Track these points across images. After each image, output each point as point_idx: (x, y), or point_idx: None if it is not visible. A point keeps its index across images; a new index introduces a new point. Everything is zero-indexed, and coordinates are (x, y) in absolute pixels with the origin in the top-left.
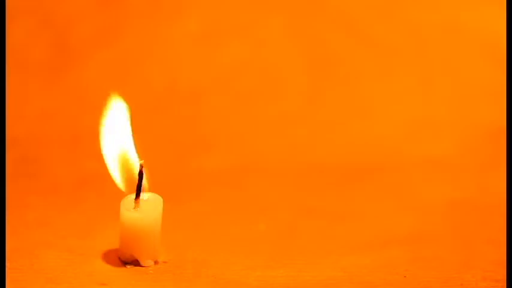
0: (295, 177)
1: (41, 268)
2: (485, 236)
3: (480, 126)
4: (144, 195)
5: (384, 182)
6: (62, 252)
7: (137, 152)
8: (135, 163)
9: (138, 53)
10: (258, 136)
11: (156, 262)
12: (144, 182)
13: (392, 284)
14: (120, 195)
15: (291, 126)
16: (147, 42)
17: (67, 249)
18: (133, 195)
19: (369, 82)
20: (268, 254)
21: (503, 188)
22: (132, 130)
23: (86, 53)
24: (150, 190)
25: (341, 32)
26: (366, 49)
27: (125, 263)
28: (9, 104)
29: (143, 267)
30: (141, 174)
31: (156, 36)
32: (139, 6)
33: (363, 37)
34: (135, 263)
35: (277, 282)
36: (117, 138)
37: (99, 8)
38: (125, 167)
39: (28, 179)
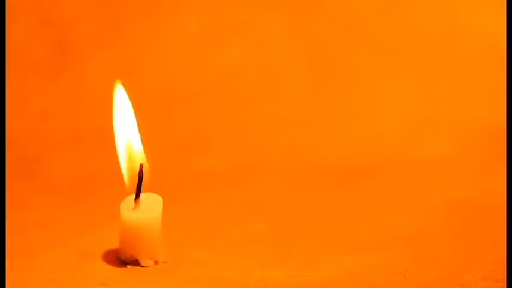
0: (295, 177)
1: (41, 268)
2: (485, 236)
3: (480, 126)
4: (145, 195)
5: (384, 182)
6: (62, 252)
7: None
8: (139, 160)
9: (138, 52)
10: (258, 136)
11: (156, 262)
12: (144, 180)
13: (392, 284)
14: (120, 195)
15: (291, 126)
16: (147, 42)
17: (67, 249)
18: (134, 196)
19: (369, 82)
20: (268, 254)
21: (503, 188)
22: (138, 126)
23: (86, 52)
24: (150, 190)
25: (341, 32)
26: (366, 49)
27: (124, 263)
28: (9, 103)
29: (143, 267)
30: (141, 174)
31: (156, 36)
32: (139, 6)
33: (363, 37)
34: (135, 263)
35: (277, 282)
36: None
37: (99, 7)
38: (130, 162)
39: (28, 179)
